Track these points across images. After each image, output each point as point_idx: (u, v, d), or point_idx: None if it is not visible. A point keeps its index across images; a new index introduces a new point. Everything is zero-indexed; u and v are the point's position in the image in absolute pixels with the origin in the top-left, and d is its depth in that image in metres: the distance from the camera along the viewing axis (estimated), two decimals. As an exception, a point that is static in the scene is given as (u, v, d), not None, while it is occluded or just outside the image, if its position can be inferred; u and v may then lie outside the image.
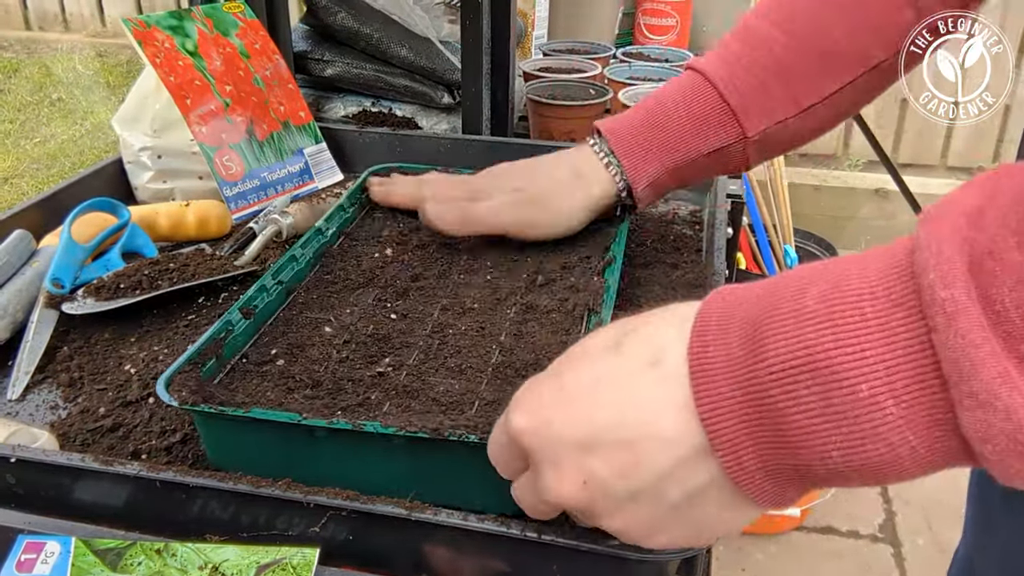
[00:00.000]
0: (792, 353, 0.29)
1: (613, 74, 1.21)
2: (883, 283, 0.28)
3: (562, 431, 0.34)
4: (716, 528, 0.35)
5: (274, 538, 0.47)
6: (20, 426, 0.54)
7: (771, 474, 0.31)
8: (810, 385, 0.29)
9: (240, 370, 0.56)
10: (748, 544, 1.63)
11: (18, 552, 0.44)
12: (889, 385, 0.27)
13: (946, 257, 0.27)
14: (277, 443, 0.49)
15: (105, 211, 0.78)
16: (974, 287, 0.26)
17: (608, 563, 0.42)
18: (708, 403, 0.31)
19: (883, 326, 0.28)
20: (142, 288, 0.69)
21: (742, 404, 0.31)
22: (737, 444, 0.31)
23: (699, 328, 0.33)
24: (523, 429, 0.36)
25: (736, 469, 0.32)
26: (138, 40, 0.87)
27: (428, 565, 0.46)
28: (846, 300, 0.29)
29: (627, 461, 0.33)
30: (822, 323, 0.29)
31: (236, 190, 0.88)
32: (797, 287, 0.30)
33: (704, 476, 0.32)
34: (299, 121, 0.96)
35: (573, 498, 0.34)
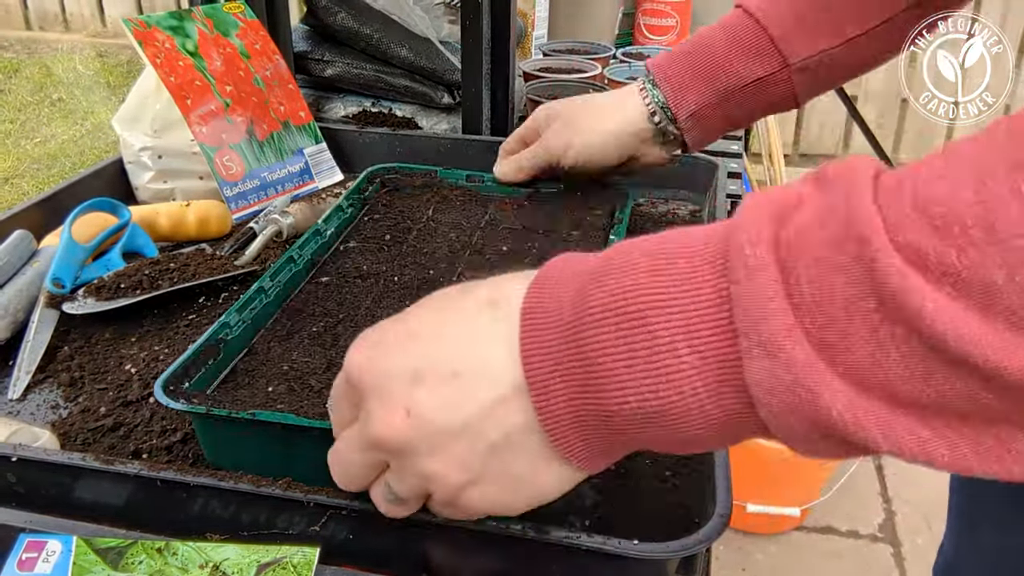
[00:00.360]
0: (608, 298, 0.31)
1: (613, 74, 1.21)
2: (699, 243, 0.31)
3: (395, 362, 0.35)
4: (531, 488, 0.35)
5: (274, 537, 0.47)
6: (21, 425, 0.55)
7: (578, 423, 0.33)
8: (617, 328, 0.31)
9: (239, 371, 0.56)
10: (748, 544, 1.63)
11: (19, 551, 0.44)
12: (686, 333, 0.29)
13: (758, 223, 0.29)
14: (274, 444, 0.49)
15: (105, 211, 0.78)
16: (777, 254, 0.28)
17: (608, 563, 0.42)
18: (529, 344, 0.33)
19: (690, 279, 0.30)
20: (142, 288, 0.69)
21: (559, 347, 0.32)
22: (549, 385, 0.32)
23: (539, 278, 0.35)
24: (359, 363, 0.36)
25: (546, 412, 0.33)
26: (138, 40, 0.87)
27: (428, 564, 0.46)
28: (666, 256, 0.31)
29: (451, 393, 0.34)
30: (639, 274, 0.31)
31: (236, 190, 0.88)
32: (630, 246, 0.33)
33: (520, 417, 0.33)
34: (299, 121, 0.96)
35: (395, 432, 0.34)
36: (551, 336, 0.32)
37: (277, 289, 0.63)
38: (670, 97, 0.68)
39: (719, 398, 0.30)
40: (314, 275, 0.68)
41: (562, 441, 0.33)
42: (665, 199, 0.92)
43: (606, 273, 0.32)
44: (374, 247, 0.73)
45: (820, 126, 2.74)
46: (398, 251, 0.72)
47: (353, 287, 0.66)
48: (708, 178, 0.90)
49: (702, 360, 0.29)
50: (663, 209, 0.90)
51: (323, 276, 0.68)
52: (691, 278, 0.30)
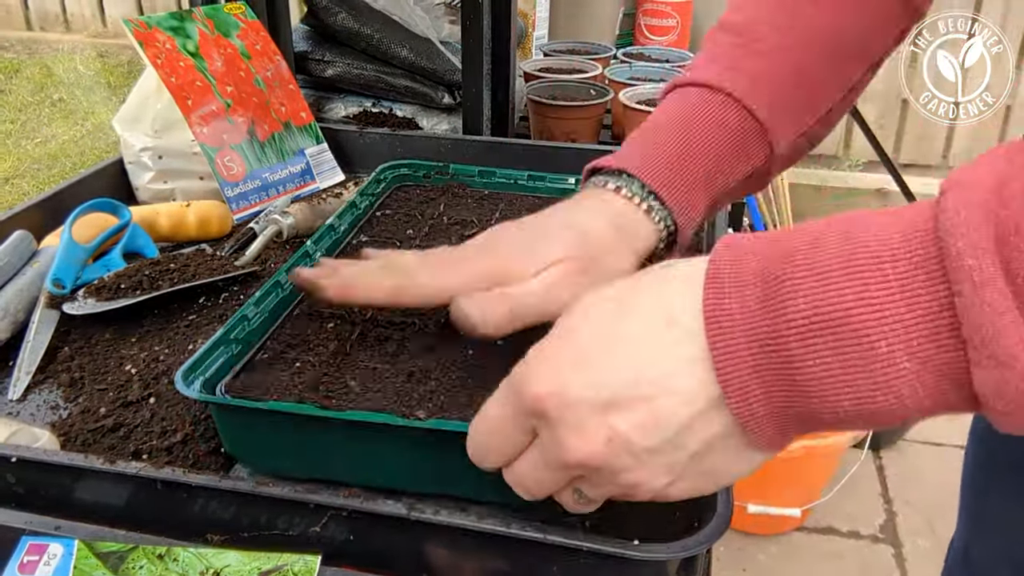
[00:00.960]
0: (814, 309, 0.31)
1: (614, 75, 1.21)
2: (905, 246, 0.30)
3: (583, 392, 0.35)
4: (728, 475, 0.37)
5: (275, 538, 0.47)
6: (21, 426, 0.54)
7: (778, 420, 0.33)
8: (829, 340, 0.30)
9: (256, 363, 0.56)
10: (749, 544, 1.63)
11: (21, 553, 0.44)
12: (907, 343, 0.29)
13: (975, 226, 0.28)
14: (293, 435, 0.49)
15: (106, 212, 0.78)
16: (999, 259, 0.27)
17: (609, 563, 0.42)
18: (722, 356, 0.33)
19: (904, 287, 0.29)
20: (143, 288, 0.69)
21: (756, 355, 0.32)
22: (748, 393, 0.33)
23: (712, 282, 0.34)
24: (542, 395, 0.36)
25: (747, 416, 0.33)
26: (139, 41, 0.87)
27: (429, 565, 0.46)
28: (868, 260, 0.30)
29: (648, 418, 0.34)
30: (843, 282, 0.30)
31: (238, 190, 0.88)
32: (812, 240, 0.32)
33: (719, 426, 0.34)
34: (300, 122, 0.96)
35: (598, 456, 0.35)
36: (744, 343, 0.32)
37: (292, 284, 0.63)
38: (677, 212, 0.55)
39: (939, 395, 0.30)
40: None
41: (763, 438, 0.34)
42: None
43: (797, 277, 0.31)
44: (386, 243, 0.73)
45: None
46: (409, 247, 0.72)
47: None
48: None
49: (923, 366, 0.29)
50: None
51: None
52: (905, 286, 0.29)
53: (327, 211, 0.85)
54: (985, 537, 0.70)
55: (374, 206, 0.79)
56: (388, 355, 0.57)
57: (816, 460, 1.51)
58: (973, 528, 0.73)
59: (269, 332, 0.59)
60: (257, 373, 0.55)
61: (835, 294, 0.30)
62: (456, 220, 0.77)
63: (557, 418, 0.36)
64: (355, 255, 0.70)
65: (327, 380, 0.54)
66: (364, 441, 0.48)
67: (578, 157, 0.91)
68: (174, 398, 0.59)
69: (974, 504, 0.72)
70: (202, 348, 0.53)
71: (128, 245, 0.77)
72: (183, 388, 0.49)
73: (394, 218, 0.78)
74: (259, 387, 0.53)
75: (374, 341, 0.59)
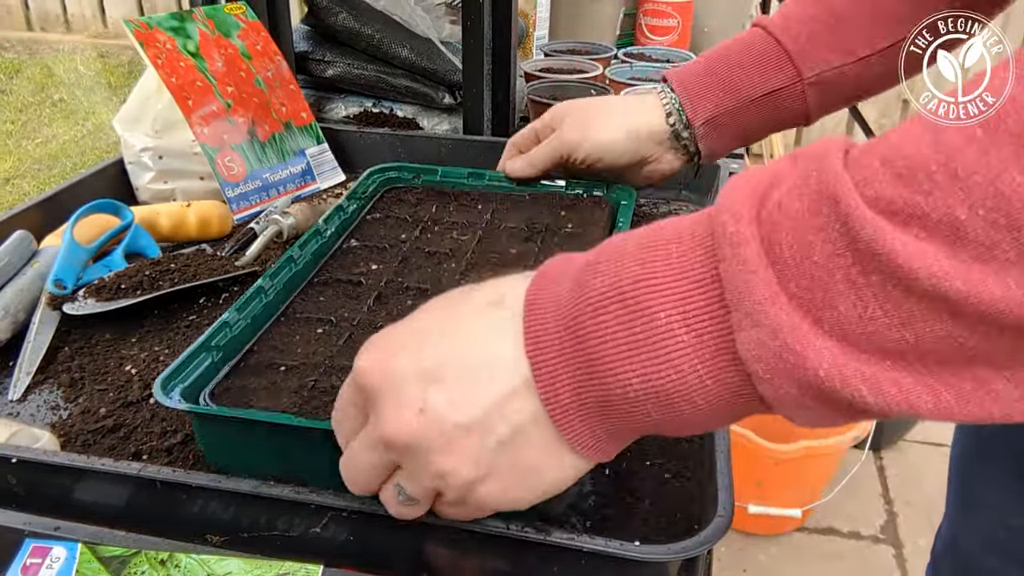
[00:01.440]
0: (606, 286, 0.32)
1: (614, 75, 1.21)
2: (691, 228, 0.32)
3: (405, 364, 0.35)
4: (540, 480, 0.36)
5: (275, 539, 0.47)
6: (21, 426, 0.54)
7: (584, 411, 0.34)
8: (617, 314, 0.32)
9: (238, 372, 0.56)
10: (750, 545, 1.63)
11: (24, 556, 0.44)
12: (682, 313, 0.31)
13: (739, 202, 0.30)
14: (273, 444, 0.49)
15: (108, 213, 0.78)
16: (758, 229, 0.30)
17: (609, 564, 0.42)
18: (533, 336, 0.34)
19: (682, 262, 0.31)
20: (143, 288, 0.69)
21: (562, 337, 0.33)
22: (555, 376, 0.33)
23: (538, 274, 0.36)
24: (368, 368, 0.36)
25: (553, 402, 0.34)
26: (140, 41, 0.87)
27: (429, 566, 0.46)
28: (658, 243, 0.33)
29: (463, 390, 0.34)
30: (634, 261, 0.32)
31: (238, 191, 0.88)
32: (623, 238, 0.34)
33: (528, 410, 0.34)
34: (301, 122, 0.96)
35: (408, 430, 0.35)
36: (553, 327, 0.34)
37: (277, 289, 0.63)
38: (687, 101, 0.68)
39: (718, 374, 0.31)
40: (315, 275, 0.68)
41: (569, 430, 0.34)
42: (667, 200, 0.92)
43: (601, 263, 0.33)
44: (376, 247, 0.73)
45: (821, 127, 2.74)
46: (399, 251, 0.72)
47: (354, 287, 0.66)
48: (710, 179, 0.90)
49: (699, 339, 0.31)
50: (664, 210, 0.90)
51: (323, 276, 0.68)
52: (683, 261, 0.31)
53: (327, 211, 0.85)
54: (972, 524, 0.71)
55: (363, 210, 0.79)
56: None
57: (817, 460, 1.51)
58: (960, 516, 0.73)
59: (255, 338, 0.59)
60: (241, 379, 0.55)
61: (626, 271, 0.32)
62: (446, 222, 0.77)
63: (378, 389, 0.36)
64: (345, 260, 0.70)
65: (313, 387, 0.54)
66: None
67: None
68: (174, 398, 0.59)
69: (961, 492, 0.73)
70: (183, 355, 0.53)
71: (130, 246, 0.76)
72: (161, 396, 0.49)
73: (385, 222, 0.77)
74: (242, 394, 0.53)
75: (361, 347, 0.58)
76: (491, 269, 0.69)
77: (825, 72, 0.66)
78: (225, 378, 0.55)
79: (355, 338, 0.59)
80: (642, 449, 0.55)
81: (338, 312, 0.62)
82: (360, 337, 0.59)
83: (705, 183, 0.90)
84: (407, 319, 0.39)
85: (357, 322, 0.61)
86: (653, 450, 0.55)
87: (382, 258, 0.71)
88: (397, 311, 0.63)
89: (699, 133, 0.69)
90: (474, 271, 0.69)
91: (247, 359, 0.57)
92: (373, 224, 0.77)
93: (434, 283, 0.66)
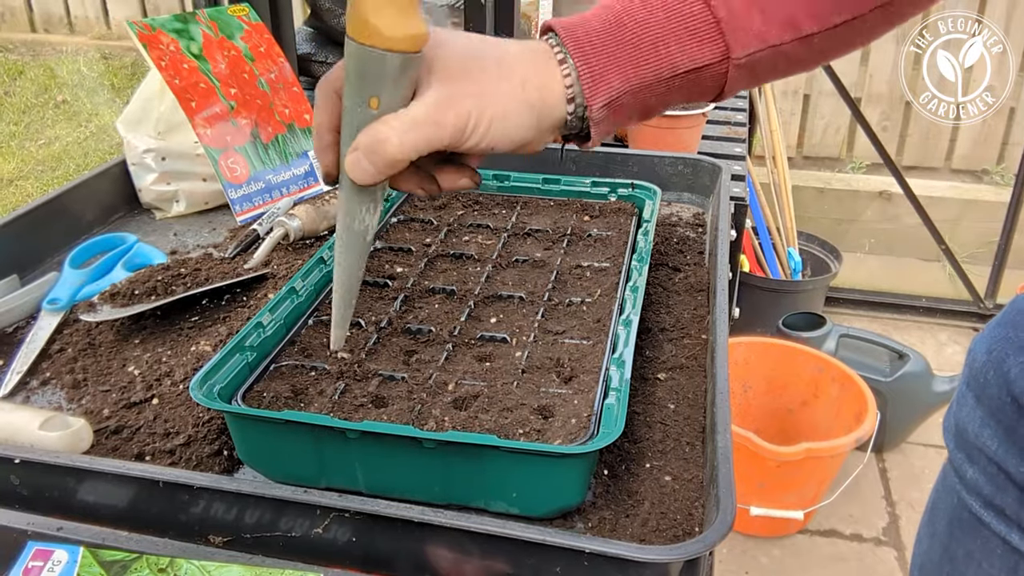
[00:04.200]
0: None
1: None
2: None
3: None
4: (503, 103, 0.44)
5: (277, 540, 0.47)
6: (54, 413, 0.55)
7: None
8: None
9: (272, 371, 0.56)
10: (752, 547, 1.63)
11: (26, 559, 0.44)
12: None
13: None
14: (307, 443, 0.49)
15: (108, 250, 0.79)
16: None
17: (611, 566, 0.42)
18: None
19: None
20: (157, 293, 0.70)
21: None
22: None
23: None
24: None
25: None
26: (143, 43, 0.87)
27: (431, 566, 0.46)
28: None
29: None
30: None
31: (241, 192, 0.88)
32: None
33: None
34: (304, 123, 0.96)
35: None
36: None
37: (308, 290, 0.63)
38: (588, 79, 0.51)
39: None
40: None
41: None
42: (668, 202, 0.92)
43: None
44: (401, 249, 0.73)
45: (824, 129, 2.73)
46: (424, 253, 0.72)
47: (380, 290, 0.67)
48: (712, 180, 0.90)
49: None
50: (666, 212, 0.90)
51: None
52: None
53: (331, 213, 0.85)
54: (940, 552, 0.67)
55: (388, 212, 0.79)
56: (403, 364, 0.57)
57: (819, 462, 1.50)
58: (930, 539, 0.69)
59: (285, 339, 0.59)
60: (273, 381, 0.55)
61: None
62: (471, 224, 0.77)
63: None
64: (370, 262, 0.70)
65: (344, 388, 0.54)
66: (379, 450, 0.49)
67: (580, 159, 0.91)
68: (177, 400, 0.59)
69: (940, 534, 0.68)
70: (217, 355, 0.53)
71: (131, 261, 0.77)
72: (199, 397, 0.49)
73: (410, 224, 0.78)
74: (276, 395, 0.53)
75: (389, 349, 0.59)
76: (516, 273, 0.70)
77: (758, 52, 0.51)
78: (258, 378, 0.55)
79: (382, 340, 0.60)
80: (641, 451, 0.55)
81: (365, 315, 0.63)
82: (386, 342, 0.60)
83: (706, 185, 0.90)
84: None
85: (383, 325, 0.61)
86: (653, 452, 0.55)
87: (407, 260, 0.71)
88: (423, 315, 0.63)
89: (594, 118, 0.52)
90: (499, 274, 0.69)
91: (279, 359, 0.57)
92: (399, 227, 0.77)
93: (460, 286, 0.67)
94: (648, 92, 0.52)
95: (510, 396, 0.53)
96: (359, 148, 0.46)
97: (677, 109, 1.07)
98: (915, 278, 2.35)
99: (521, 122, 0.50)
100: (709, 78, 0.52)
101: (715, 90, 0.53)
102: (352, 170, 0.47)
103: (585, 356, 0.57)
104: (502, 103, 0.49)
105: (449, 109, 0.47)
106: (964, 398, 0.60)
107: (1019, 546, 0.55)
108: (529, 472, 0.47)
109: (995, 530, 0.57)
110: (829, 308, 2.22)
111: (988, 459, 0.56)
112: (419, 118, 0.46)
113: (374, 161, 0.46)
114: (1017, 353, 0.54)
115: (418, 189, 0.50)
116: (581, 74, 0.51)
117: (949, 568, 0.61)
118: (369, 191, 0.47)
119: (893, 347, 1.76)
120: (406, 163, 0.47)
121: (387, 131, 0.45)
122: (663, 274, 0.76)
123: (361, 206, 0.48)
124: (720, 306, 0.64)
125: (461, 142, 0.48)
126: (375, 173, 0.47)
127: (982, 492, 0.57)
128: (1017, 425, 0.54)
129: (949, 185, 2.58)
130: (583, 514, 0.50)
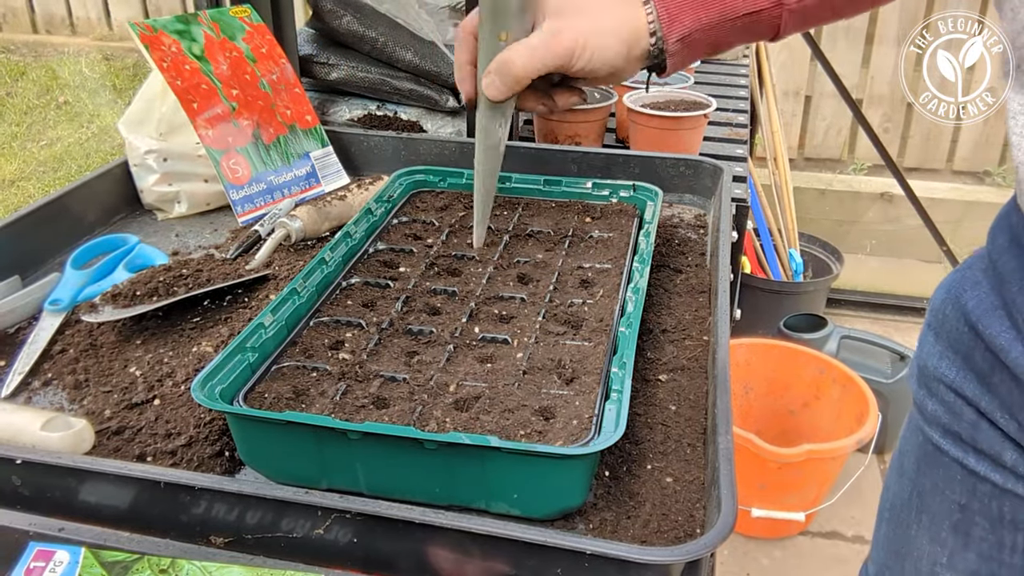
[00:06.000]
0: None
1: (618, 78, 1.21)
2: None
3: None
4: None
5: (278, 540, 0.47)
6: (56, 414, 0.55)
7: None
8: None
9: (274, 372, 0.56)
10: (753, 549, 1.63)
11: (28, 559, 0.44)
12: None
13: None
14: (308, 444, 0.49)
15: (110, 251, 0.79)
16: None
17: (612, 567, 0.42)
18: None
19: None
20: (159, 295, 0.70)
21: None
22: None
23: None
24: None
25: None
26: (145, 44, 0.87)
27: (432, 568, 0.46)
28: None
29: None
30: None
31: (243, 193, 0.88)
32: None
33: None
34: (305, 125, 0.97)
35: None
36: None
37: (310, 291, 0.63)
38: (666, 17, 0.61)
39: None
40: (342, 277, 0.68)
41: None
42: (670, 203, 0.92)
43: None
44: (403, 250, 0.73)
45: (825, 130, 2.73)
46: (426, 254, 0.72)
47: (382, 291, 0.67)
48: (713, 182, 0.90)
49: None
50: (667, 213, 0.90)
51: (353, 278, 0.68)
52: None
53: (333, 214, 0.85)
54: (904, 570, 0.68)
55: (390, 213, 0.79)
56: (404, 365, 0.57)
57: (820, 464, 1.50)
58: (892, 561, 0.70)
59: (286, 340, 0.59)
60: (275, 382, 0.55)
61: None
62: (472, 225, 0.77)
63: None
64: (371, 263, 0.70)
65: (345, 389, 0.54)
66: (381, 452, 0.49)
67: (582, 160, 0.91)
68: (179, 401, 0.59)
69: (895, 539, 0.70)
70: (219, 356, 0.53)
71: (132, 265, 0.77)
72: (200, 398, 0.49)
73: (412, 225, 0.78)
74: (277, 396, 0.53)
75: (391, 350, 0.59)
76: (518, 274, 0.70)
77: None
78: (260, 379, 0.55)
79: (384, 341, 0.60)
80: (642, 453, 0.55)
81: (367, 316, 0.63)
82: (388, 343, 0.60)
83: (708, 186, 0.90)
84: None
85: (386, 325, 0.61)
86: (654, 453, 0.55)
87: (409, 261, 0.71)
88: (425, 316, 0.63)
89: (670, 50, 0.61)
90: (500, 275, 0.69)
91: (281, 359, 0.57)
92: (401, 228, 0.78)
93: (461, 287, 0.67)
94: (715, 31, 0.62)
95: (511, 397, 0.53)
96: (492, 71, 0.58)
97: (680, 110, 1.07)
98: (917, 280, 2.35)
99: (616, 51, 0.61)
100: (766, 20, 0.62)
101: (771, 31, 0.63)
102: (488, 89, 0.58)
103: (586, 357, 0.57)
104: (601, 35, 0.60)
105: (560, 38, 0.58)
106: (925, 337, 0.65)
107: (975, 468, 0.59)
108: (530, 473, 0.47)
109: (953, 456, 0.60)
110: (830, 309, 2.21)
111: (947, 387, 0.61)
112: (537, 45, 0.57)
113: (504, 80, 0.57)
114: (973, 288, 0.59)
115: (539, 105, 0.61)
116: (660, 14, 0.61)
117: (918, 502, 0.65)
118: (500, 108, 0.58)
119: (895, 349, 1.76)
120: (528, 81, 0.58)
121: (513, 56, 0.57)
122: (664, 275, 0.76)
123: (494, 122, 0.59)
124: (721, 307, 0.64)
125: (569, 66, 0.59)
126: (505, 90, 0.58)
127: (941, 421, 0.61)
128: (973, 351, 0.58)
129: (950, 186, 2.58)
130: (584, 515, 0.50)
